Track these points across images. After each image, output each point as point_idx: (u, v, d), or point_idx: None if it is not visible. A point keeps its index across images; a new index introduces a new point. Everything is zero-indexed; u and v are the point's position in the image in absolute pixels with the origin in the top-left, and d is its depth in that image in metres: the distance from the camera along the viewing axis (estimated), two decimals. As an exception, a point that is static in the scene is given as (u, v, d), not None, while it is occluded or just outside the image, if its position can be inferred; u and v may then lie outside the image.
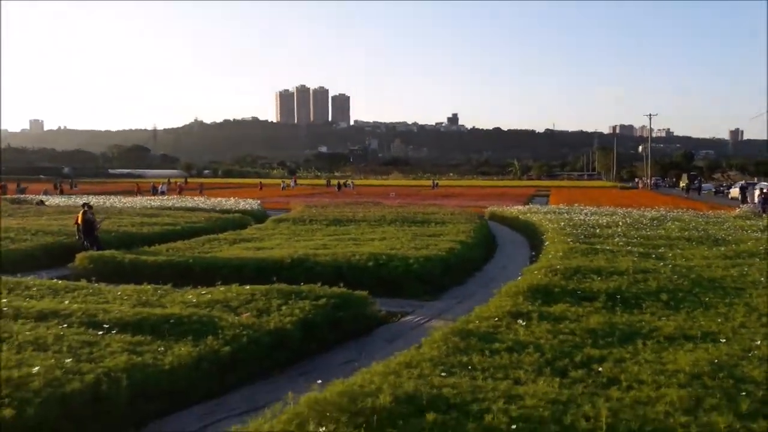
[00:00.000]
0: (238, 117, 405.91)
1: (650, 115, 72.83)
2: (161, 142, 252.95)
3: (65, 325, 7.39)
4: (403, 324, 9.13)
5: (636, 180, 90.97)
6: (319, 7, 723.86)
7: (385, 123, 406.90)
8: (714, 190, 50.81)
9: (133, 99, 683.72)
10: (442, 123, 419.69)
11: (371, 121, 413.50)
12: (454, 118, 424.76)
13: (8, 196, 36.61)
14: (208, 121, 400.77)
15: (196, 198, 34.72)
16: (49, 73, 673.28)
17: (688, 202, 36.15)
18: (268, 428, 4.46)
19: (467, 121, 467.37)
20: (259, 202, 30.95)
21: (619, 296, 8.85)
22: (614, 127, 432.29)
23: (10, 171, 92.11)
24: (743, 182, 42.99)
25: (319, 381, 5.34)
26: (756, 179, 54.65)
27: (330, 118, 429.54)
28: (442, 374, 5.60)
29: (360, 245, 14.06)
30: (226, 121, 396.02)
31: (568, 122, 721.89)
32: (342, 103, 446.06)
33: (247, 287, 9.35)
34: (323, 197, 44.76)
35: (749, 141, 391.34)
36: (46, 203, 28.29)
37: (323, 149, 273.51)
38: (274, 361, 7.20)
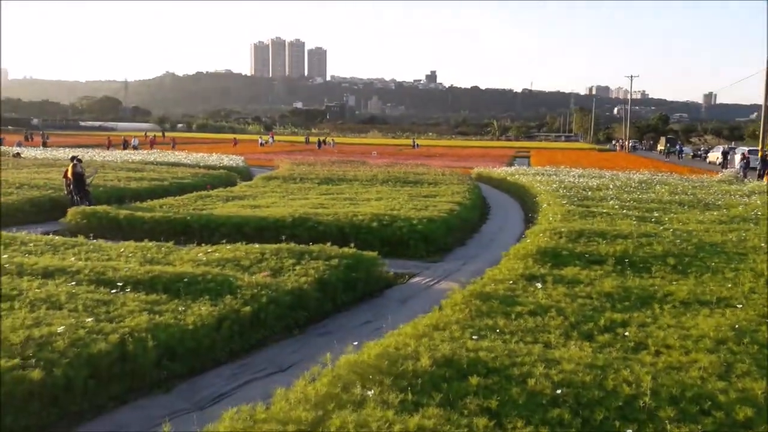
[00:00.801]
0: (212, 69, 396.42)
1: (631, 76, 72.77)
2: (132, 95, 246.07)
3: (74, 283, 7.21)
4: (412, 285, 9.11)
5: (614, 142, 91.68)
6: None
7: (362, 79, 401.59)
8: (692, 154, 51.54)
9: (102, 49, 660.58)
10: (420, 80, 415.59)
11: (348, 76, 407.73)
12: (432, 76, 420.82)
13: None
14: (180, 73, 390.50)
15: (176, 153, 33.96)
16: (13, 20, 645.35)
17: (669, 165, 36.63)
18: (313, 390, 4.41)
19: (446, 80, 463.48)
20: (242, 158, 30.43)
21: (627, 260, 8.94)
22: (590, 89, 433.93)
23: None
24: (725, 146, 43.63)
25: (342, 342, 5.28)
26: (734, 143, 55.54)
27: (306, 73, 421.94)
28: (474, 337, 5.60)
29: (357, 205, 13.94)
30: (199, 74, 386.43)
31: (545, 82, 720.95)
32: (318, 57, 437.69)
33: (256, 246, 9.22)
34: (305, 155, 44.24)
35: (722, 105, 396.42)
36: (23, 155, 27.38)
37: (298, 104, 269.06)
38: (293, 321, 7.14)
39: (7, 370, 4.74)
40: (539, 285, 7.39)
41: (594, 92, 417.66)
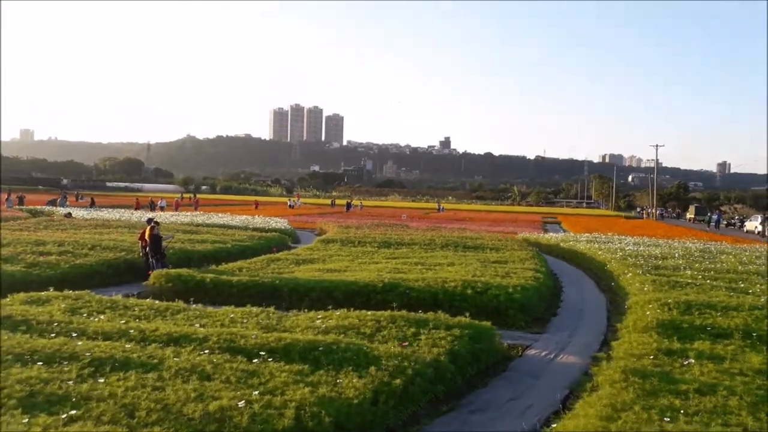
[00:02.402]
0: (232, 133, 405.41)
1: (656, 146, 72.89)
2: (153, 156, 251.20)
3: (207, 351, 7.00)
4: (531, 358, 8.77)
5: (639, 209, 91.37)
6: (315, 26, 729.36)
7: (378, 144, 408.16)
8: (725, 223, 51.09)
9: (124, 112, 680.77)
10: (434, 146, 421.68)
11: (364, 141, 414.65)
12: (446, 142, 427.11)
13: (25, 207, 35.86)
14: (200, 136, 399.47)
15: (220, 214, 34.14)
16: (40, 83, 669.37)
17: (710, 234, 36.20)
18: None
19: (459, 145, 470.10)
20: (286, 221, 30.53)
21: (754, 334, 8.61)
22: (604, 156, 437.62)
23: (7, 181, 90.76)
24: (763, 215, 43.16)
25: (499, 420, 4.98)
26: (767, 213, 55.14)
27: (323, 137, 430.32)
28: (665, 419, 5.29)
29: (435, 271, 13.73)
30: (219, 137, 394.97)
31: (558, 149, 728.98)
32: (335, 122, 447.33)
33: (368, 313, 9.01)
34: (338, 217, 44.36)
35: (736, 174, 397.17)
36: (73, 215, 27.63)
37: (315, 168, 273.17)
38: (433, 395, 6.83)
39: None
40: (692, 361, 7.07)
41: (608, 159, 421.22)
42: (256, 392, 5.59)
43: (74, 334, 7.57)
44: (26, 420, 4.80)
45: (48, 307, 9.32)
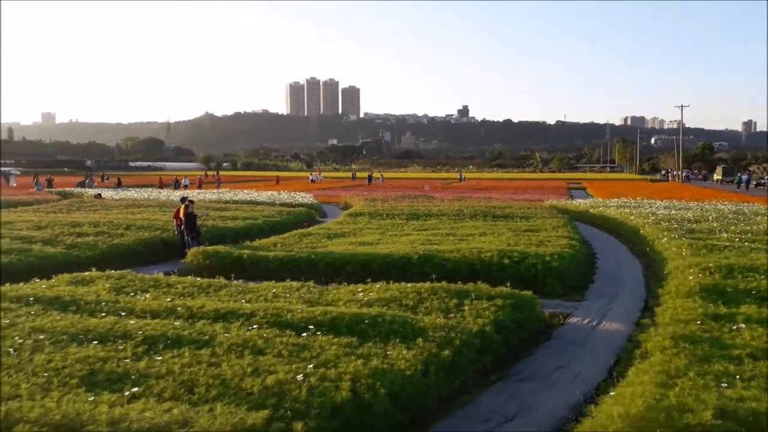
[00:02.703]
0: (249, 110, 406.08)
1: (681, 106, 71.19)
2: (173, 135, 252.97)
3: (255, 327, 7.08)
4: (574, 327, 8.73)
5: (664, 172, 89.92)
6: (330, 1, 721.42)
7: (395, 115, 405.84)
8: (755, 183, 49.99)
9: (143, 92, 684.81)
10: (452, 115, 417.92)
11: (381, 113, 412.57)
12: (464, 110, 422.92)
13: (54, 189, 36.44)
14: (219, 113, 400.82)
15: (246, 191, 34.34)
16: (60, 66, 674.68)
17: (740, 195, 35.56)
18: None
19: (477, 113, 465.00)
20: (311, 195, 30.64)
21: (801, 297, 8.47)
22: (625, 119, 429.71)
23: (32, 164, 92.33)
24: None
25: (550, 389, 4.96)
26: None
27: (340, 111, 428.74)
28: (722, 385, 5.24)
29: (468, 241, 13.70)
30: (237, 114, 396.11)
31: (579, 113, 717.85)
32: (352, 95, 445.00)
33: (408, 285, 9.03)
34: (361, 190, 44.37)
35: (762, 132, 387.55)
36: (103, 196, 28.04)
37: (333, 141, 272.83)
38: (480, 365, 6.86)
39: (263, 422, 4.55)
40: (741, 326, 6.98)
41: (629, 122, 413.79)
42: (311, 366, 5.65)
43: (123, 313, 7.72)
44: (91, 398, 4.92)
45: (93, 287, 9.50)
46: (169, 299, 8.50)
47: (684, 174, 73.75)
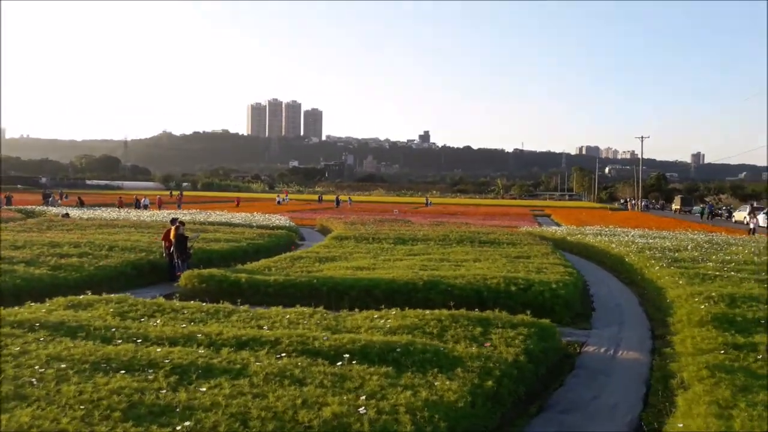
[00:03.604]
0: (208, 129, 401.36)
1: (642, 137, 73.71)
2: (129, 153, 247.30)
3: (283, 355, 6.84)
4: (593, 355, 8.74)
5: (623, 201, 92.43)
6: (293, 21, 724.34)
7: (357, 139, 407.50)
8: (712, 213, 51.78)
9: (98, 109, 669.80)
10: (413, 140, 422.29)
11: (343, 136, 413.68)
12: (425, 136, 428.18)
13: (14, 207, 34.94)
14: (177, 132, 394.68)
15: (210, 212, 33.64)
16: (9, 80, 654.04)
17: (703, 225, 36.78)
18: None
19: (438, 139, 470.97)
20: (287, 218, 30.26)
21: (806, 326, 8.70)
22: (581, 149, 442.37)
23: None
24: (751, 205, 43.86)
25: (593, 420, 4.92)
26: (754, 203, 56.09)
27: (302, 132, 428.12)
28: (777, 415, 5.29)
29: (466, 267, 13.68)
30: (196, 133, 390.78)
31: (535, 142, 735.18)
32: (314, 117, 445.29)
33: (426, 312, 8.90)
34: (331, 213, 44.14)
35: (709, 165, 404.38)
36: (70, 216, 27.02)
37: (294, 163, 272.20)
38: (516, 395, 6.77)
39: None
40: (759, 356, 7.10)
41: (584, 152, 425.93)
42: (363, 397, 5.46)
43: (138, 340, 7.36)
44: (141, 432, 4.62)
45: (94, 311, 9.05)
46: (183, 325, 8.16)
47: (643, 203, 75.99)
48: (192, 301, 9.94)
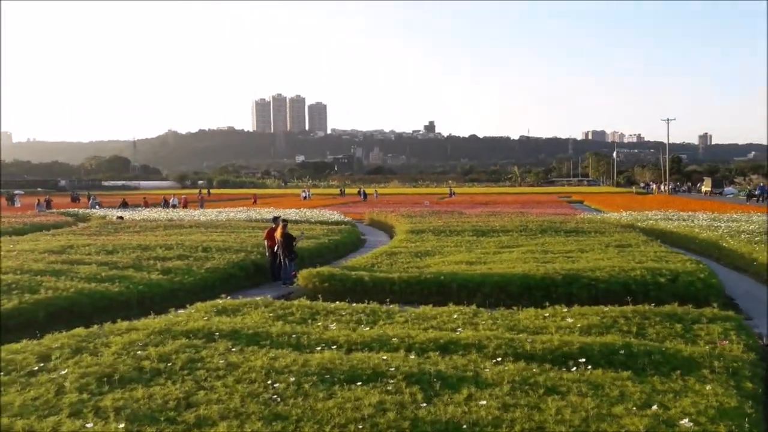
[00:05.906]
0: (213, 127, 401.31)
1: (668, 119, 72.71)
2: (137, 153, 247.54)
3: (499, 359, 6.38)
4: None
5: (644, 185, 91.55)
6: (295, 16, 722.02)
7: (362, 131, 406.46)
8: (753, 195, 50.35)
9: (104, 110, 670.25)
10: (419, 131, 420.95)
11: (349, 129, 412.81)
12: (430, 126, 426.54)
13: (56, 210, 34.56)
14: (182, 131, 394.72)
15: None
16: (16, 84, 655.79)
17: (755, 207, 36.20)
18: None
19: (443, 129, 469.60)
20: (340, 213, 29.85)
21: None
22: (587, 133, 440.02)
23: (5, 185, 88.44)
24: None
25: None
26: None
27: (307, 127, 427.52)
28: None
29: (584, 259, 13.16)
30: (202, 131, 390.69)
31: (542, 128, 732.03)
32: (319, 111, 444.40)
33: (604, 308, 8.46)
34: (360, 206, 43.71)
35: (717, 145, 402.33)
36: (125, 218, 26.64)
37: (301, 158, 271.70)
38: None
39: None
40: None
41: (590, 137, 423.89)
42: (652, 407, 5.00)
43: (333, 346, 6.92)
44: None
45: (247, 317, 8.62)
46: (353, 327, 7.78)
47: (671, 186, 75.04)
48: (343, 303, 9.46)
